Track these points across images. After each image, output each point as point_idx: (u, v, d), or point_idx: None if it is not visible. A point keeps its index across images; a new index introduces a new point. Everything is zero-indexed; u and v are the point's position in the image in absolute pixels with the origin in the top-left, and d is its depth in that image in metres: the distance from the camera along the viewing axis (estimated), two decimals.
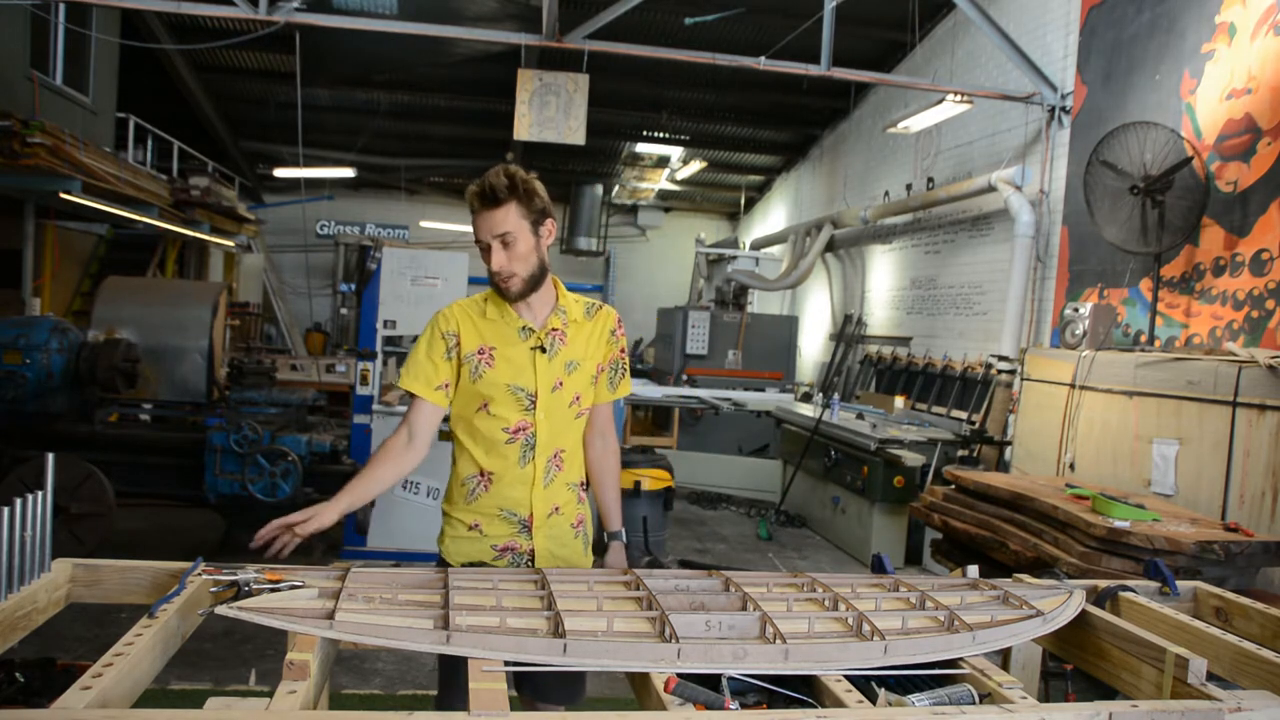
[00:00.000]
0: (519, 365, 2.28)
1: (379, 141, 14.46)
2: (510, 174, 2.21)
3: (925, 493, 4.85)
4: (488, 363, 2.28)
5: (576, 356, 2.34)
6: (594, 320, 2.39)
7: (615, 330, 2.42)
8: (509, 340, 2.29)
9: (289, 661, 1.55)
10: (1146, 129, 5.52)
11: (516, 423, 2.29)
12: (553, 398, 2.30)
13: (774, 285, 12.17)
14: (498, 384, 2.27)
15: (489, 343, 2.29)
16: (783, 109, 12.76)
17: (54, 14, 9.40)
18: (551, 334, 2.30)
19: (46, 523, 1.83)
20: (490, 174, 2.21)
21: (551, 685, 2.27)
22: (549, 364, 2.29)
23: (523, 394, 2.28)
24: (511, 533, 2.33)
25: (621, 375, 2.47)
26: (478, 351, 2.28)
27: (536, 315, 2.32)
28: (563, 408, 2.33)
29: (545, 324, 2.31)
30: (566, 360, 2.32)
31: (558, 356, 2.31)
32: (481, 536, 2.33)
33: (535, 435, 2.30)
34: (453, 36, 7.99)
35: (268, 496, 5.51)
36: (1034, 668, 2.31)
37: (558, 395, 2.31)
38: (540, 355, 2.29)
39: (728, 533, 7.75)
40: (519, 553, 2.33)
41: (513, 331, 2.29)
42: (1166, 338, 5.89)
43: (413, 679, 4.21)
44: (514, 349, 2.29)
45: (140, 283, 8.81)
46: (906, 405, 8.72)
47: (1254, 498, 3.98)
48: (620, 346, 2.44)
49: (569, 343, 2.33)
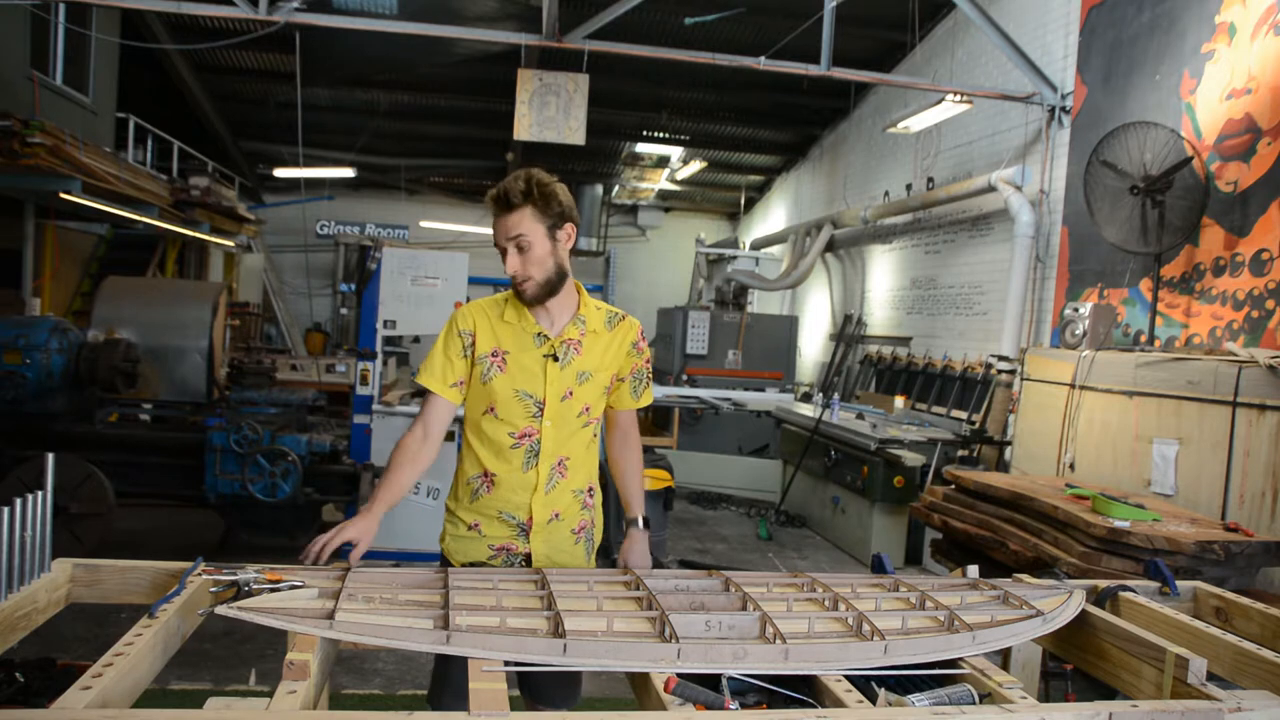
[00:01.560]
0: (530, 372, 2.28)
1: (379, 141, 14.46)
2: (528, 178, 2.21)
3: (925, 493, 4.85)
4: (499, 367, 2.29)
5: (590, 367, 2.33)
6: (614, 332, 2.38)
7: (637, 343, 2.42)
8: (523, 346, 2.29)
9: (289, 661, 1.55)
10: (1146, 129, 5.52)
11: (523, 429, 2.30)
12: (561, 407, 2.30)
13: (774, 285, 12.17)
14: (507, 389, 2.28)
15: (503, 346, 2.29)
16: (783, 109, 12.75)
17: (54, 14, 9.40)
18: (566, 343, 2.30)
19: (46, 523, 1.83)
20: (509, 178, 2.23)
21: (549, 688, 2.28)
22: (560, 373, 2.29)
23: (531, 401, 2.29)
24: (509, 535, 2.34)
25: (645, 385, 2.48)
26: (491, 354, 2.29)
27: (555, 322, 2.31)
28: (571, 417, 2.33)
29: (561, 332, 2.30)
30: (579, 370, 2.32)
31: (570, 366, 2.30)
32: (480, 536, 2.34)
33: (540, 442, 2.30)
34: (453, 36, 7.99)
35: (268, 496, 5.51)
36: (1034, 668, 2.31)
37: (567, 405, 2.31)
38: (552, 364, 2.29)
39: (728, 533, 7.74)
40: (514, 554, 2.34)
41: (528, 337, 2.29)
42: (1166, 338, 5.89)
43: (413, 679, 4.21)
44: (527, 355, 2.29)
45: (140, 283, 8.81)
46: (906, 405, 8.72)
47: (1254, 498, 3.98)
48: (645, 358, 2.45)
49: (584, 353, 2.32)
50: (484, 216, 17.33)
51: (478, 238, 16.83)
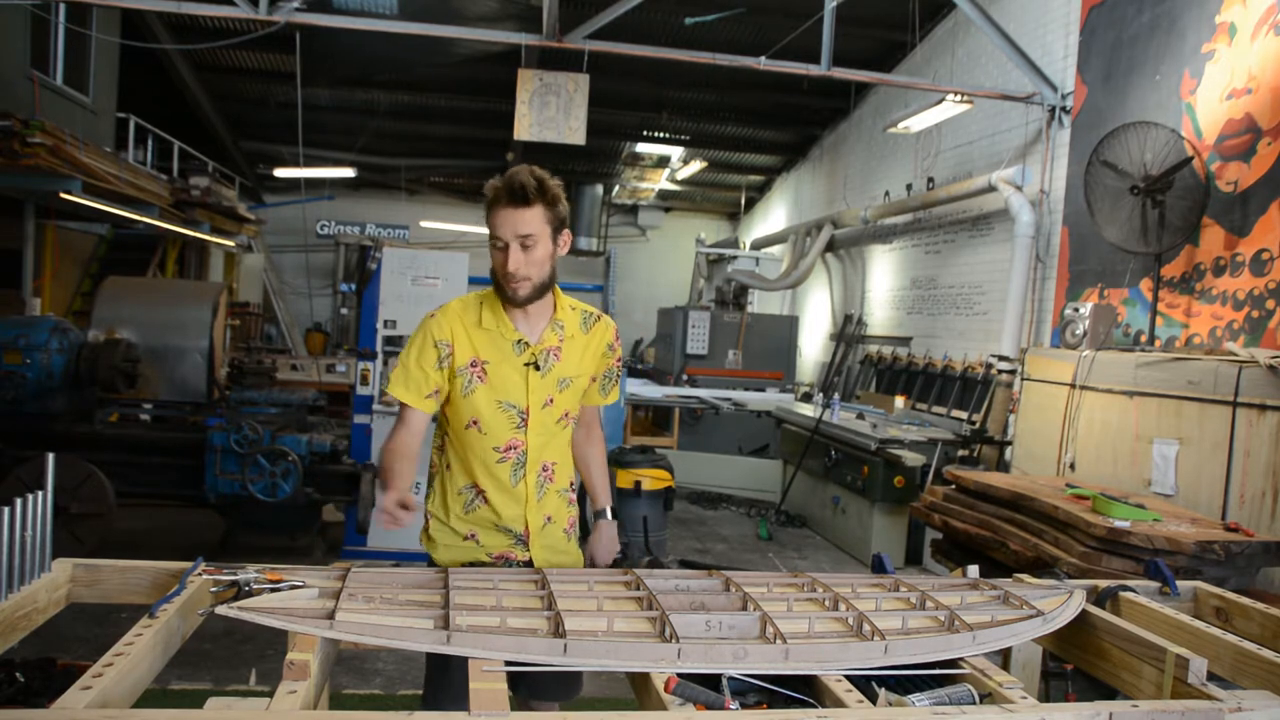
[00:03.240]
0: (511, 382, 2.24)
1: (379, 141, 14.46)
2: (539, 176, 2.15)
3: (925, 493, 4.84)
4: (479, 377, 2.24)
5: (570, 373, 2.30)
6: (590, 334, 2.35)
7: (613, 344, 2.40)
8: (503, 354, 2.25)
9: (289, 661, 1.55)
10: (1147, 129, 5.51)
11: (508, 441, 2.27)
12: (543, 414, 2.28)
13: (774, 285, 12.17)
14: (489, 400, 2.24)
15: (482, 356, 2.24)
16: (783, 109, 12.75)
17: (54, 14, 9.40)
18: (546, 350, 2.27)
19: (47, 523, 1.83)
20: (519, 171, 2.14)
21: (547, 682, 2.27)
22: (541, 381, 2.26)
23: (514, 411, 2.26)
24: (508, 544, 2.34)
25: (614, 384, 2.47)
26: (470, 364, 2.24)
27: (533, 327, 2.27)
28: (551, 424, 2.32)
29: (541, 339, 2.26)
30: (560, 378, 2.29)
31: (550, 374, 2.27)
32: (478, 545, 2.34)
33: (526, 453, 2.29)
34: (453, 36, 7.99)
35: (268, 496, 5.50)
36: (1034, 668, 2.31)
37: (548, 412, 2.29)
38: (533, 372, 2.25)
39: (728, 533, 7.74)
40: (513, 561, 2.34)
41: (507, 345, 2.25)
42: (1167, 338, 5.89)
43: (413, 679, 4.21)
44: (507, 364, 2.24)
45: (140, 283, 8.82)
46: (907, 405, 8.72)
47: (1254, 498, 3.98)
48: (617, 357, 2.43)
49: (563, 359, 2.29)
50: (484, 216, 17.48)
51: (478, 238, 16.82)
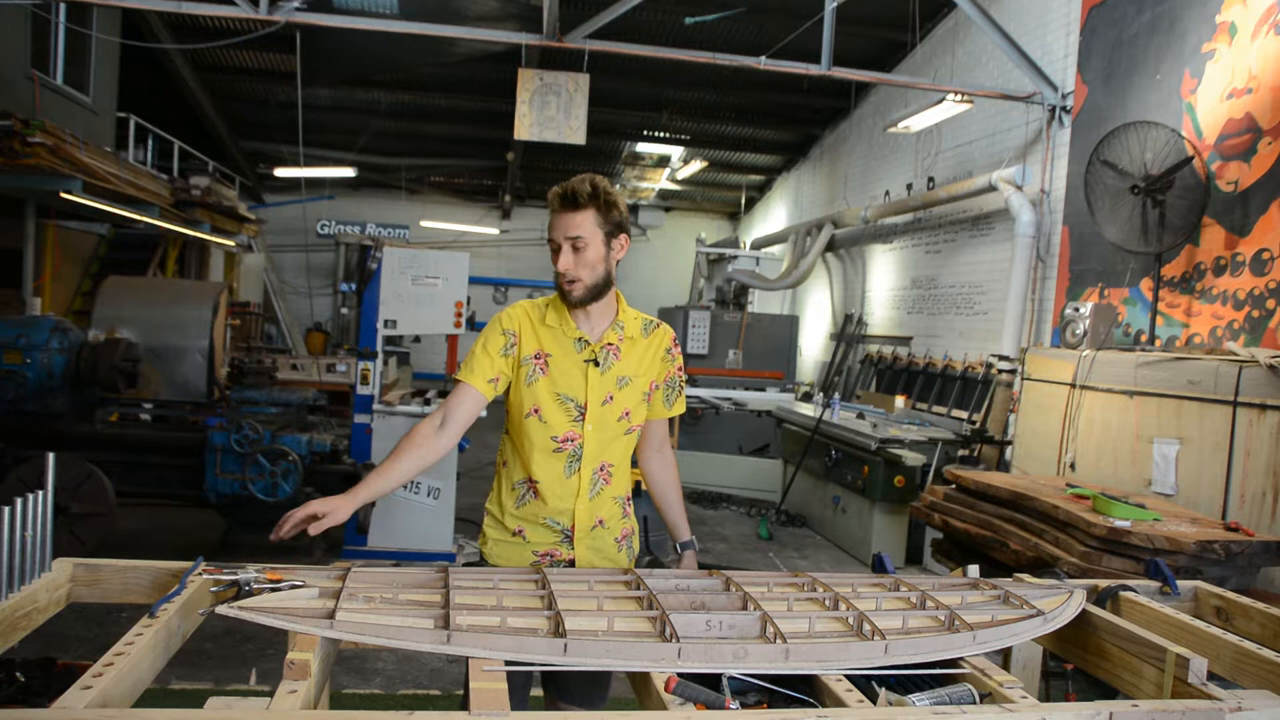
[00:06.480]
0: (571, 376, 2.31)
1: (379, 141, 14.47)
2: (595, 182, 2.25)
3: (926, 492, 4.84)
4: (542, 369, 2.31)
5: (629, 372, 2.35)
6: (650, 338, 2.41)
7: (671, 349, 2.44)
8: (564, 350, 2.32)
9: (289, 661, 1.55)
10: (1147, 129, 5.51)
11: (565, 433, 2.31)
12: (602, 411, 2.32)
13: (774, 285, 12.16)
14: (549, 392, 2.30)
15: (545, 349, 2.32)
16: (783, 109, 12.76)
17: (54, 14, 9.41)
18: (606, 348, 2.33)
19: (47, 522, 1.83)
20: (576, 178, 2.26)
21: (573, 686, 2.27)
22: (601, 377, 2.32)
23: (572, 404, 2.30)
24: (554, 541, 2.34)
25: (678, 393, 2.49)
26: (534, 356, 2.31)
27: (594, 327, 2.34)
28: (611, 422, 2.34)
29: (601, 337, 2.33)
30: (619, 375, 2.34)
31: (610, 371, 2.33)
32: (524, 542, 2.35)
33: (583, 447, 2.31)
34: (453, 36, 7.99)
35: (268, 496, 5.51)
36: (1034, 667, 2.31)
37: (607, 409, 2.33)
38: (593, 368, 2.31)
39: (728, 532, 7.74)
40: (558, 560, 2.34)
41: (569, 341, 2.32)
42: (1167, 337, 5.89)
43: (413, 679, 4.21)
44: (568, 359, 2.31)
45: (140, 282, 8.81)
46: (907, 405, 8.72)
47: (1254, 497, 3.98)
48: (677, 364, 2.46)
49: (623, 358, 2.35)
50: (484, 216, 17.37)
51: (478, 237, 16.85)
